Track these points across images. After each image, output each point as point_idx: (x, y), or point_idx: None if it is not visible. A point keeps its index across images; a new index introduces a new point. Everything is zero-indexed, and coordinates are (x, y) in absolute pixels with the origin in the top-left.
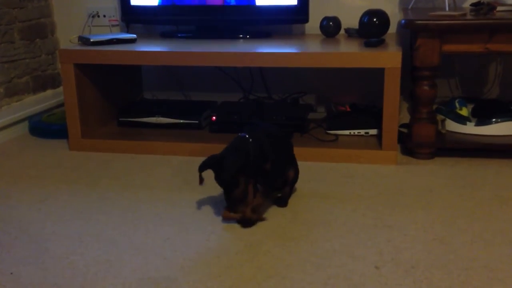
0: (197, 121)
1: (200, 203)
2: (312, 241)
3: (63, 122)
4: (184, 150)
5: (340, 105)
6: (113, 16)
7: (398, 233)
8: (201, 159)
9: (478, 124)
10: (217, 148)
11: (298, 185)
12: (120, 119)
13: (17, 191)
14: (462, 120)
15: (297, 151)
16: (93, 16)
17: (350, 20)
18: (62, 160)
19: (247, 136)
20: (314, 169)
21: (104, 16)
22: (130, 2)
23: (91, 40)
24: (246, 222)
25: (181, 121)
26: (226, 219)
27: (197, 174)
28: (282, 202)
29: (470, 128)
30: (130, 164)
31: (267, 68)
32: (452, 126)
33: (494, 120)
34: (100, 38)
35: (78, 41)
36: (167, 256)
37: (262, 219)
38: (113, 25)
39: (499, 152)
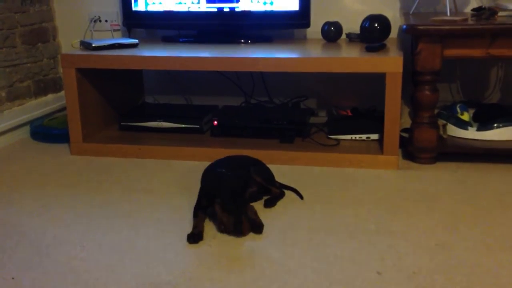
0: (198, 126)
1: None
2: (314, 247)
3: (64, 126)
4: (185, 154)
5: (341, 110)
6: (115, 20)
7: (400, 238)
8: (203, 164)
9: (480, 129)
10: (218, 152)
11: (299, 190)
12: (122, 123)
13: (18, 196)
14: (463, 125)
15: (298, 155)
16: (95, 21)
17: (351, 25)
18: (63, 165)
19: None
20: (315, 174)
21: (106, 20)
22: (131, 7)
23: (93, 45)
24: (260, 227)
25: (183, 125)
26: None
27: (199, 179)
28: (269, 202)
29: (472, 133)
30: (131, 169)
31: (268, 73)
32: (453, 131)
33: (495, 125)
34: (102, 43)
35: (80, 45)
36: (168, 261)
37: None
38: (114, 30)
39: (501, 157)
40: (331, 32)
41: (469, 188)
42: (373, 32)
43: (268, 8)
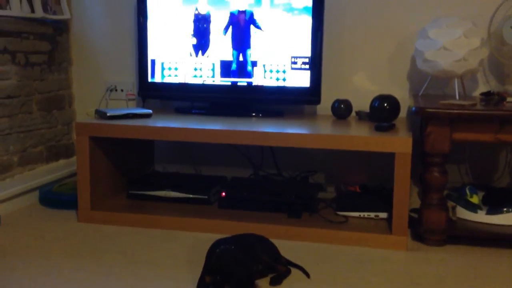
0: (206, 196)
1: None
2: None
3: (73, 192)
4: (192, 225)
5: (350, 186)
6: (131, 90)
7: None
8: (209, 236)
9: (489, 212)
10: (225, 224)
11: (305, 267)
12: (130, 191)
13: (23, 263)
14: (473, 207)
15: (306, 231)
16: (111, 90)
17: (361, 103)
18: (69, 232)
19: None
20: (322, 251)
21: (122, 90)
22: (147, 78)
23: (108, 114)
24: None
25: (191, 195)
26: None
27: (205, 251)
28: (275, 280)
29: (481, 217)
30: (137, 239)
31: (278, 146)
32: (463, 213)
33: (505, 209)
34: (117, 112)
35: (95, 114)
36: None
37: None
38: (129, 99)
39: (510, 243)
40: (341, 110)
41: (479, 274)
42: (383, 112)
43: (280, 84)
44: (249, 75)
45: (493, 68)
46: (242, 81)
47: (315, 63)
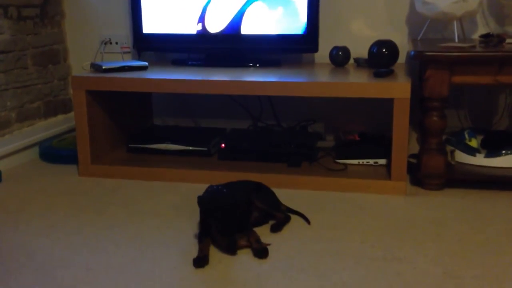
0: (206, 148)
1: None
2: (321, 273)
3: (73, 147)
4: (192, 177)
5: (349, 134)
6: (125, 43)
7: (407, 266)
8: None
9: (488, 155)
10: (225, 175)
11: (306, 214)
12: (130, 145)
13: (25, 217)
14: (471, 151)
15: (305, 180)
16: (105, 43)
17: (360, 49)
18: (71, 186)
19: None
20: (322, 199)
21: (117, 43)
22: (142, 30)
23: (103, 67)
24: (263, 252)
25: (190, 148)
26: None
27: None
28: (276, 227)
29: (480, 160)
30: (138, 191)
31: (276, 96)
32: (461, 157)
33: (503, 152)
34: (112, 65)
35: (91, 68)
36: (174, 285)
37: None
38: (125, 52)
39: (509, 184)
40: (339, 57)
41: (477, 216)
42: (381, 58)
43: (277, 32)
44: (243, 22)
45: (492, 9)
46: (238, 30)
47: (312, 10)
